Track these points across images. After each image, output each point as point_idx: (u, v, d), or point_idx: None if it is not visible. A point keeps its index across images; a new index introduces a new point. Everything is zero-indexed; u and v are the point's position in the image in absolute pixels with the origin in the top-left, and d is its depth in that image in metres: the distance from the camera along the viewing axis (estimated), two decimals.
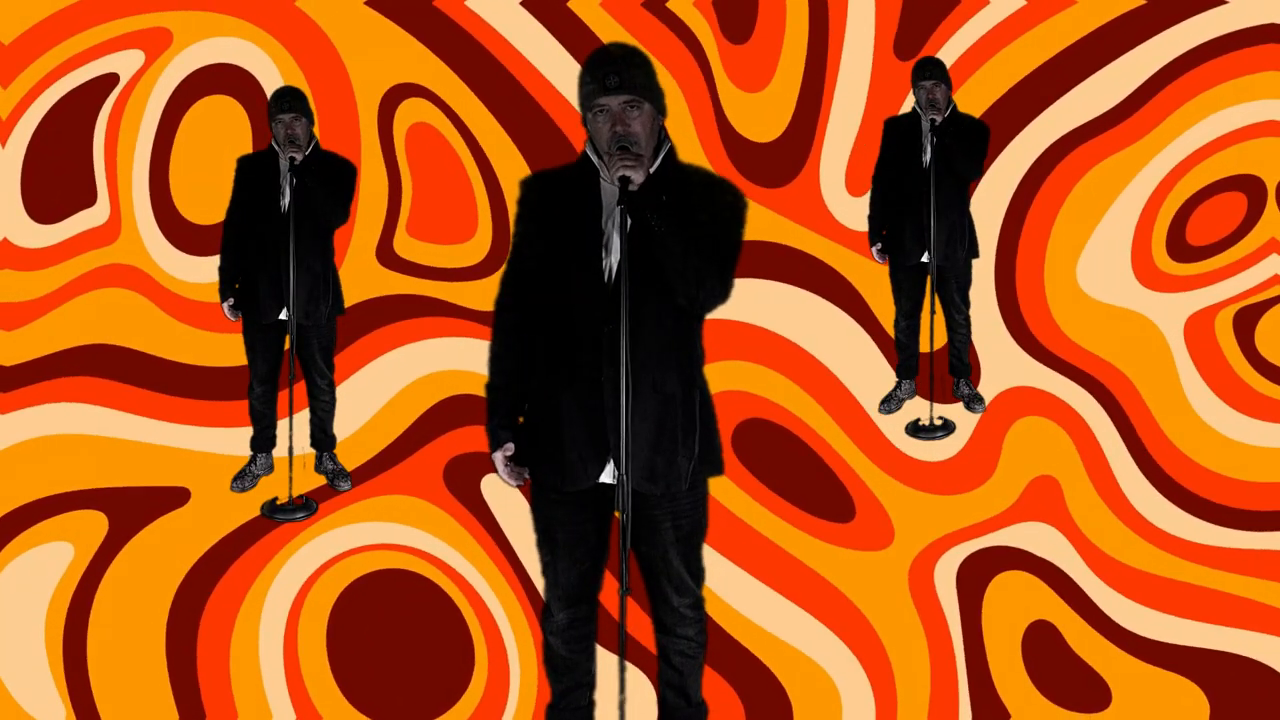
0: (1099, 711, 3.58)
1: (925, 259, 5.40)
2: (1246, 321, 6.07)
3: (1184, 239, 6.39)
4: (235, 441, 5.15)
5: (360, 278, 4.96)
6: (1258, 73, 6.43)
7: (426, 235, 5.20)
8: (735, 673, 3.70)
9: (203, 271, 6.29)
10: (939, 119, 5.27)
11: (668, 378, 2.74)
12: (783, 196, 6.53)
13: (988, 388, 5.77)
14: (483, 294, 5.98)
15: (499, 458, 2.85)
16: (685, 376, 2.78)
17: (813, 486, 4.90)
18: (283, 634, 3.92)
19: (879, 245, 5.59)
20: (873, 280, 6.04)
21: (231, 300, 4.79)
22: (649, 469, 2.74)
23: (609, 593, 2.94)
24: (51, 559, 4.31)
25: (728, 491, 4.72)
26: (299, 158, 4.59)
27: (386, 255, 6.14)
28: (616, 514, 2.63)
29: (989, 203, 5.86)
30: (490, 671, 3.75)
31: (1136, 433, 5.35)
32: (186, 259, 6.33)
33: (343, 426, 5.15)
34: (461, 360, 5.68)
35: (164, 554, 4.33)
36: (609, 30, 6.51)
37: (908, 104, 5.63)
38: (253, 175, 4.72)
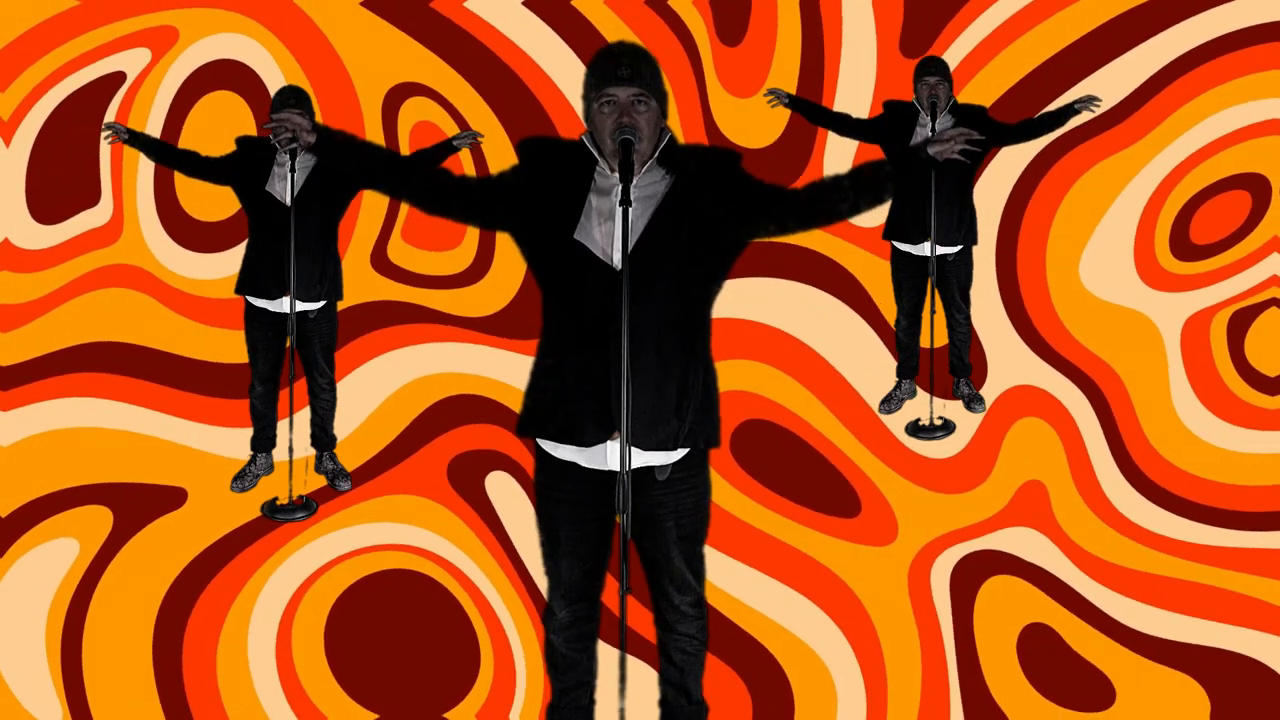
0: (1102, 710, 3.58)
1: (927, 250, 5.40)
2: (1239, 325, 6.06)
3: (1188, 237, 6.38)
4: (237, 441, 5.14)
5: (353, 282, 5.01)
6: (1262, 71, 6.42)
7: (420, 241, 5.19)
8: (742, 662, 3.72)
9: (208, 268, 6.30)
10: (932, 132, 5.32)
11: (670, 347, 2.70)
12: None
13: (990, 387, 5.76)
14: (465, 301, 5.98)
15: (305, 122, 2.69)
16: (688, 347, 2.73)
17: (819, 482, 4.90)
18: (275, 635, 3.91)
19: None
20: (878, 276, 6.03)
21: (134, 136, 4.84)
22: (644, 429, 2.68)
23: (611, 591, 2.94)
24: (58, 555, 4.31)
25: (735, 487, 4.73)
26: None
27: (380, 261, 6.13)
28: (618, 519, 2.62)
29: (991, 201, 5.86)
30: (496, 669, 3.75)
31: (1127, 438, 5.34)
32: (191, 255, 6.35)
33: (343, 426, 5.14)
34: (461, 364, 5.66)
35: (162, 553, 4.33)
36: (612, 28, 6.52)
37: None
38: (250, 155, 4.70)
